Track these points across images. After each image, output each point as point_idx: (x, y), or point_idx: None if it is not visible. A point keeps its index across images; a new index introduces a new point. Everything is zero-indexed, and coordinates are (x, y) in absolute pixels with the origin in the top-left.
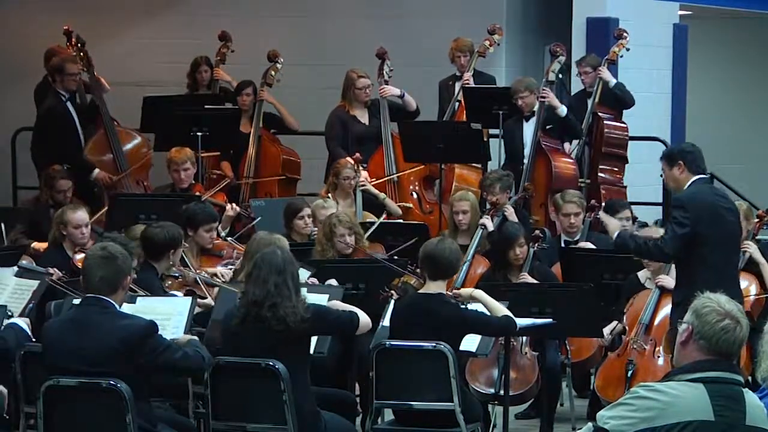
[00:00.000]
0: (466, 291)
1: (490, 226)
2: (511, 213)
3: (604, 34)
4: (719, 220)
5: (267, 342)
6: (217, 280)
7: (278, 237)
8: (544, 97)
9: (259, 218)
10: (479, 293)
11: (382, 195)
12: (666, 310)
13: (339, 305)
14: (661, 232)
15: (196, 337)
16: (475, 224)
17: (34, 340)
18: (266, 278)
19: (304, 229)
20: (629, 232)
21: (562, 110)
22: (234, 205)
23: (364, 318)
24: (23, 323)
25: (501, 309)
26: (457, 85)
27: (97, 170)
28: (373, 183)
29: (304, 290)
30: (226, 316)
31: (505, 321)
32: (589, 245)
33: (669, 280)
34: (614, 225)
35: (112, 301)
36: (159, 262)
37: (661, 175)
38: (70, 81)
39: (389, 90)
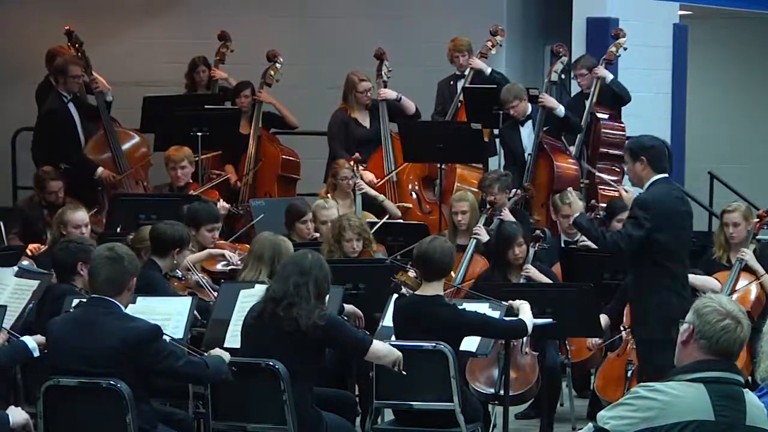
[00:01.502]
0: (516, 303)
1: (484, 238)
2: (506, 215)
3: (604, 34)
4: (678, 229)
5: (278, 340)
6: (224, 262)
7: (282, 238)
8: (540, 101)
9: (261, 216)
10: (524, 305)
11: (381, 197)
12: None
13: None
14: None
15: (227, 355)
16: (475, 224)
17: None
18: (288, 277)
19: (306, 234)
20: (587, 217)
21: (560, 110)
22: (224, 202)
23: (377, 347)
24: (33, 342)
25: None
26: (458, 85)
27: (100, 169)
28: (372, 183)
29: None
30: (249, 310)
31: (511, 324)
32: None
33: None
34: (578, 207)
35: (116, 302)
36: (164, 259)
37: (625, 162)
38: (73, 83)
39: (386, 93)
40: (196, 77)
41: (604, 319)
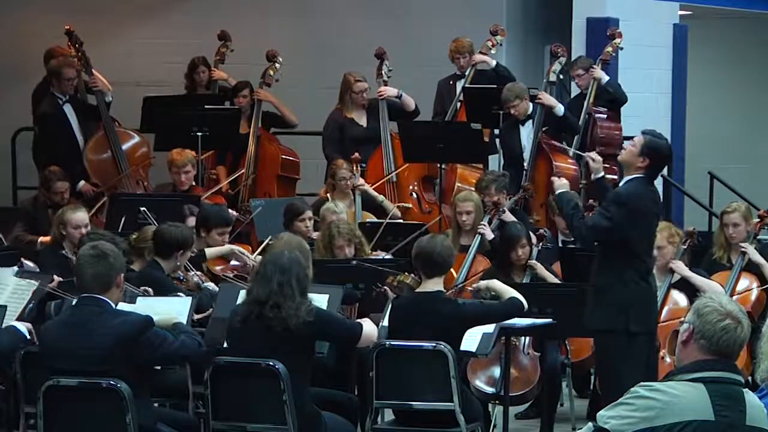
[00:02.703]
0: (482, 284)
1: (489, 235)
2: (507, 216)
3: (604, 35)
4: (647, 227)
5: (268, 342)
6: (244, 258)
7: (300, 240)
8: (539, 100)
9: (259, 209)
10: (492, 282)
11: (380, 197)
12: (670, 307)
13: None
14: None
15: (181, 321)
16: (479, 224)
17: (35, 341)
18: (270, 277)
19: (305, 232)
20: (573, 195)
21: (559, 109)
22: (232, 211)
23: (368, 330)
24: (23, 327)
25: (510, 293)
26: (458, 85)
27: (82, 182)
28: (372, 184)
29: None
30: (231, 313)
31: (509, 303)
32: None
33: (681, 265)
34: (561, 184)
35: (107, 300)
36: (167, 260)
37: (633, 145)
38: (67, 85)
39: (387, 91)
40: (196, 77)
41: None
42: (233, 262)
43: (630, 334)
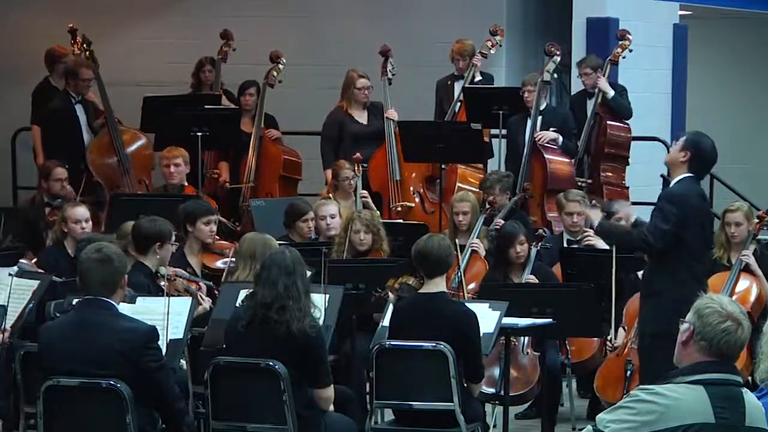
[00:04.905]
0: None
1: (482, 252)
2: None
3: (604, 35)
4: (701, 227)
5: (271, 344)
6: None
7: (269, 236)
8: (539, 140)
9: (260, 203)
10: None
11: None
12: None
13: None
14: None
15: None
16: (476, 224)
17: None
18: (276, 280)
19: (306, 232)
20: (610, 222)
21: (560, 140)
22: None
23: (330, 393)
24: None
25: None
26: (457, 85)
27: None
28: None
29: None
30: (233, 318)
31: (480, 372)
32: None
33: None
34: (596, 215)
35: (111, 302)
36: (146, 256)
37: (676, 142)
38: (84, 86)
39: (393, 115)
40: (202, 77)
41: None
42: (224, 260)
43: None
